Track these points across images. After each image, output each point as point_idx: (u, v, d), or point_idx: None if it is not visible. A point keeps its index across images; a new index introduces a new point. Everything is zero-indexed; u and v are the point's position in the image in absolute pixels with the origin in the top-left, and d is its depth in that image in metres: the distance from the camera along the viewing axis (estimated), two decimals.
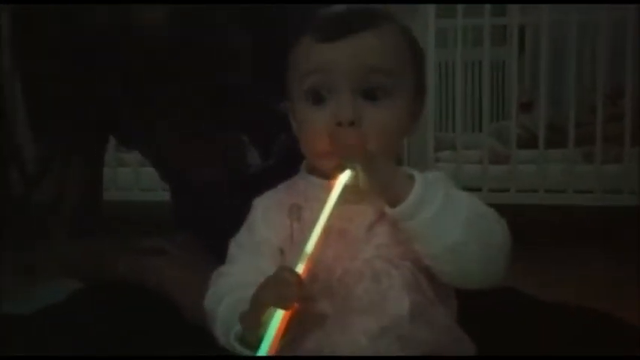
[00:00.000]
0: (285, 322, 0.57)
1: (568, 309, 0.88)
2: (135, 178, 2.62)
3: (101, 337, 0.82)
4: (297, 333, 0.61)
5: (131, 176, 2.62)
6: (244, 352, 0.61)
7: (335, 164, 0.64)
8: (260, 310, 0.58)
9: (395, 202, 0.61)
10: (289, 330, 0.58)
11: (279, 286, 0.58)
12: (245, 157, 0.97)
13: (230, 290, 0.67)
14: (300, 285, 0.58)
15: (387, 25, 0.67)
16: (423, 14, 2.55)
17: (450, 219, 0.60)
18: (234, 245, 0.72)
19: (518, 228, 0.65)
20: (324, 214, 0.61)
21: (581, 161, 2.54)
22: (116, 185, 2.59)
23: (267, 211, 0.71)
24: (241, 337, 0.61)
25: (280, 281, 0.58)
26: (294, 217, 0.67)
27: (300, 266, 0.59)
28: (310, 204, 0.67)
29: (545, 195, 2.51)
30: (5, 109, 0.89)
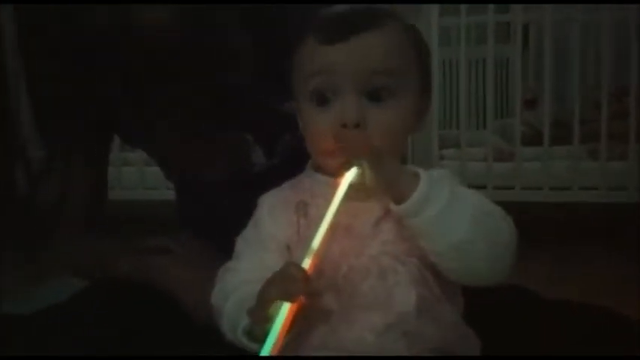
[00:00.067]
0: (292, 317, 0.58)
1: (572, 306, 0.88)
2: (139, 177, 2.62)
3: (105, 337, 0.82)
4: (303, 328, 0.61)
5: (136, 175, 2.62)
6: (251, 346, 0.61)
7: (341, 162, 0.64)
8: (267, 305, 0.58)
9: (400, 200, 0.61)
10: (295, 325, 0.59)
11: (285, 281, 0.58)
12: (249, 156, 0.97)
13: (237, 286, 0.68)
14: (307, 280, 0.58)
15: (391, 25, 0.67)
16: (426, 13, 2.54)
17: (455, 216, 0.60)
18: (240, 241, 0.73)
19: (522, 225, 0.65)
20: (330, 210, 0.61)
21: (586, 158, 2.53)
22: (121, 184, 2.59)
23: (273, 208, 0.71)
24: (249, 332, 0.62)
25: (286, 276, 0.59)
26: (300, 213, 0.68)
27: (307, 262, 0.60)
28: (316, 201, 0.67)
29: (550, 192, 2.51)
30: (10, 109, 0.89)
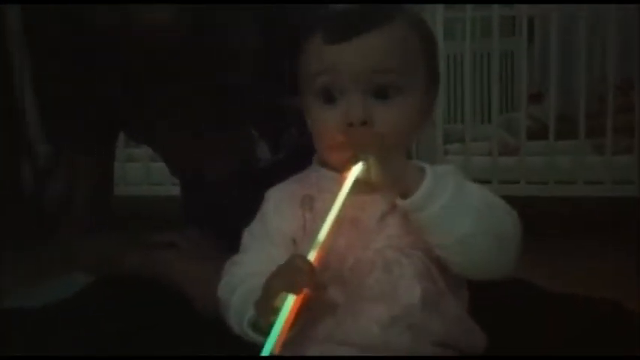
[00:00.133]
0: (297, 309, 0.58)
1: (577, 300, 0.88)
2: (145, 173, 2.63)
3: (111, 332, 0.83)
4: (309, 320, 0.61)
5: (141, 171, 2.62)
6: (257, 338, 0.61)
7: (347, 157, 0.64)
8: (272, 297, 0.59)
9: (406, 194, 0.61)
10: (301, 317, 0.59)
11: (291, 273, 0.59)
12: (255, 151, 0.98)
13: (243, 279, 0.68)
14: (312, 272, 0.58)
15: (397, 22, 0.67)
16: (431, 7, 2.53)
17: (460, 211, 0.61)
18: (247, 235, 0.73)
19: (527, 219, 0.65)
20: (336, 204, 0.62)
21: (591, 152, 2.52)
22: (126, 180, 2.60)
23: (279, 202, 0.71)
24: (254, 324, 0.62)
25: (292, 268, 0.59)
26: (306, 207, 0.68)
27: (313, 254, 0.60)
28: (322, 195, 0.67)
29: (555, 186, 2.50)
30: (16, 107, 0.90)
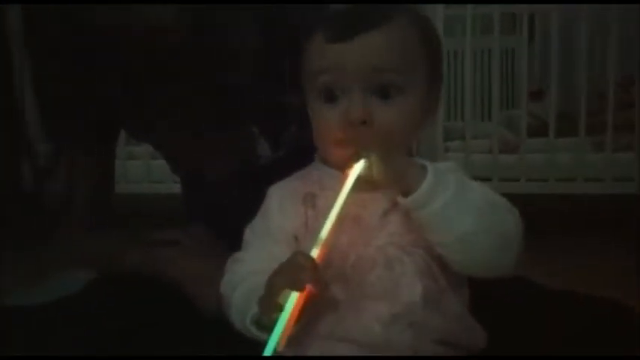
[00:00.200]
0: (300, 307, 0.58)
1: (577, 297, 0.88)
2: (145, 170, 2.63)
3: (113, 330, 0.83)
4: (311, 317, 0.62)
5: (142, 169, 2.63)
6: (260, 335, 0.61)
7: (349, 155, 0.64)
8: (275, 294, 0.59)
9: (407, 192, 0.61)
10: (303, 314, 0.59)
11: (293, 270, 0.59)
12: (255, 148, 0.98)
13: (244, 277, 0.68)
14: (315, 269, 0.59)
15: (399, 21, 0.67)
16: (431, 4, 2.53)
17: (461, 209, 0.61)
18: (249, 232, 0.73)
19: (528, 217, 0.65)
20: (338, 201, 0.62)
21: (592, 150, 2.52)
22: (127, 178, 2.60)
23: (281, 199, 0.71)
24: (257, 321, 0.62)
25: (294, 265, 0.59)
26: (308, 204, 0.68)
27: (315, 251, 0.60)
28: (325, 193, 0.67)
29: (556, 184, 2.50)
30: (17, 106, 0.90)
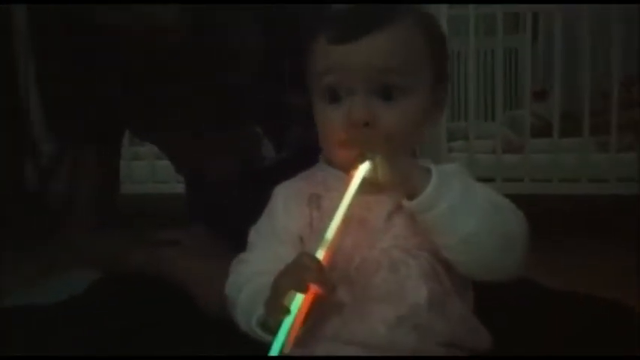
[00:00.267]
0: (306, 308, 0.58)
1: (578, 298, 0.88)
2: (150, 171, 2.63)
3: (116, 330, 0.83)
4: (316, 320, 0.62)
5: (146, 169, 2.63)
6: (266, 337, 0.62)
7: (354, 156, 0.64)
8: (281, 296, 0.59)
9: (412, 195, 0.61)
10: (309, 316, 0.59)
11: (298, 271, 0.59)
12: (259, 149, 0.98)
13: (249, 278, 0.69)
14: (321, 270, 0.59)
15: (401, 22, 0.67)
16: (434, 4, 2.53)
17: (466, 212, 0.61)
18: (254, 233, 0.74)
19: (531, 217, 0.65)
20: (343, 203, 0.62)
21: (595, 150, 2.51)
22: (131, 178, 2.60)
23: (287, 200, 0.71)
24: (263, 323, 0.63)
25: (300, 266, 0.59)
26: (313, 206, 0.68)
27: (320, 252, 0.60)
28: (330, 194, 0.68)
29: (560, 184, 2.49)
30: (21, 105, 0.90)
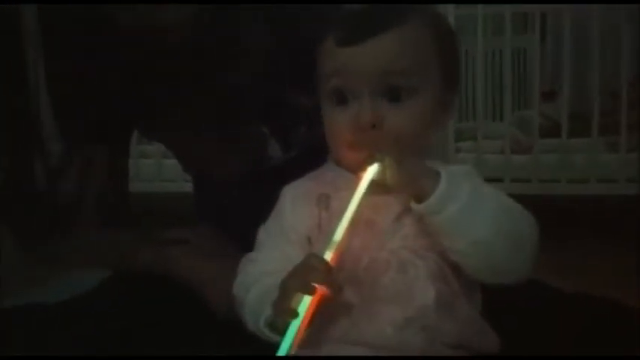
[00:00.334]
0: (314, 310, 0.58)
1: (578, 297, 0.88)
2: (157, 169, 2.64)
3: (124, 329, 0.83)
4: (324, 321, 0.61)
5: (153, 168, 2.64)
6: (273, 337, 0.61)
7: (362, 158, 0.64)
8: (289, 297, 0.59)
9: (421, 198, 0.61)
10: (317, 317, 0.59)
11: (306, 273, 0.59)
12: (266, 149, 0.98)
13: (257, 278, 0.69)
14: (329, 271, 0.59)
15: (409, 23, 0.66)
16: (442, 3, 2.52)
17: (476, 216, 0.60)
18: (262, 232, 0.73)
19: (539, 218, 0.64)
20: (352, 204, 0.62)
21: (604, 150, 2.50)
22: (138, 177, 2.61)
23: (295, 200, 0.71)
24: (271, 324, 0.62)
25: (308, 268, 0.59)
26: (322, 206, 0.68)
27: (328, 254, 0.60)
28: (339, 194, 0.67)
29: (568, 185, 2.48)
30: (31, 104, 0.90)
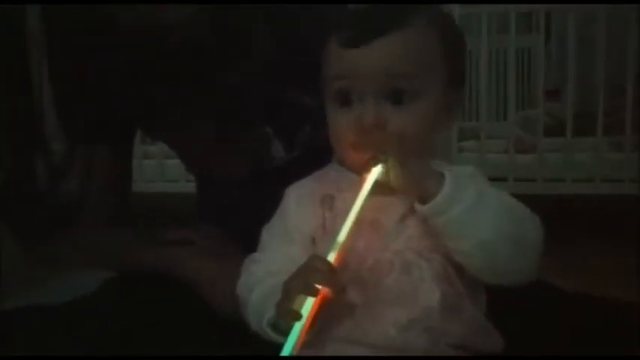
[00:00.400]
0: (317, 311, 0.58)
1: (578, 297, 0.88)
2: (160, 169, 2.64)
3: (129, 329, 0.83)
4: (328, 321, 0.61)
5: (156, 168, 2.64)
6: (276, 338, 0.61)
7: (366, 159, 0.64)
8: (292, 298, 0.59)
9: (425, 200, 0.61)
10: (320, 318, 0.59)
11: (310, 274, 0.59)
12: (269, 149, 0.98)
13: (261, 278, 0.68)
14: (333, 272, 0.58)
15: (415, 23, 0.66)
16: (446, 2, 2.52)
17: (480, 217, 0.60)
18: (266, 233, 0.73)
19: (544, 218, 0.64)
20: (356, 205, 0.62)
21: (609, 149, 2.49)
22: (141, 177, 2.61)
23: (299, 200, 0.71)
24: (274, 324, 0.62)
25: (311, 270, 0.59)
26: (326, 206, 0.68)
27: (332, 255, 0.60)
28: (343, 195, 0.67)
29: (573, 184, 2.48)
30: (34, 103, 0.90)
